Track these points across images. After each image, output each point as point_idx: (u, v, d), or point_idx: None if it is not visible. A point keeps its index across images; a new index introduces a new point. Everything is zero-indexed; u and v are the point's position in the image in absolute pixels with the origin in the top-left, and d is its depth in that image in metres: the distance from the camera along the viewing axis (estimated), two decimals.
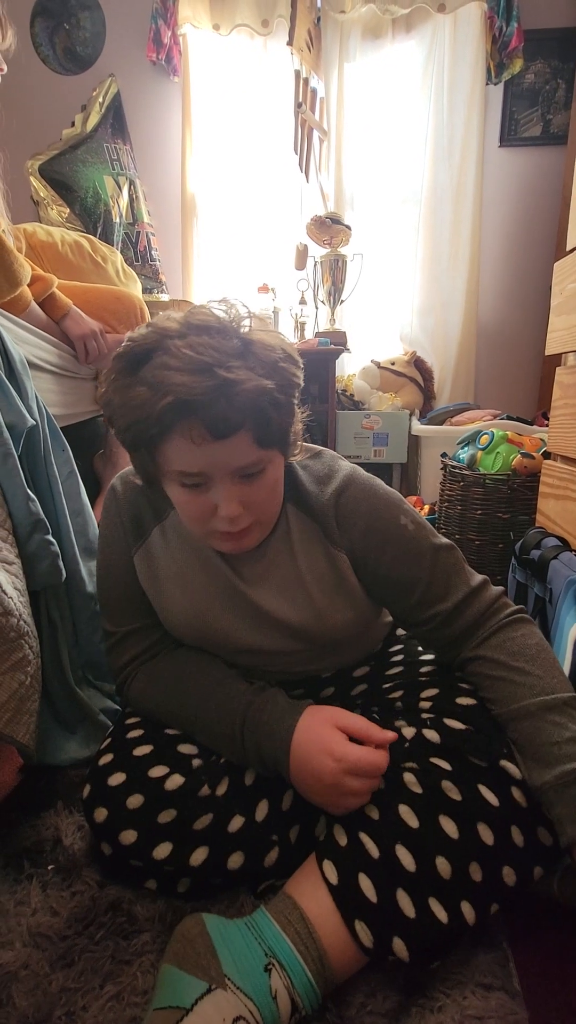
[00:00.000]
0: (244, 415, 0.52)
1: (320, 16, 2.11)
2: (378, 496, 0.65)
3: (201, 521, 0.58)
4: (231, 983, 0.48)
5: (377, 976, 0.54)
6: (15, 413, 0.73)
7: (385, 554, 0.64)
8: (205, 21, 2.14)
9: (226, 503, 0.55)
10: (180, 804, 0.58)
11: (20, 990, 0.52)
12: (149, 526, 0.69)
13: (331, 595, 0.65)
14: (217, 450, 0.53)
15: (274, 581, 0.66)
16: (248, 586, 0.66)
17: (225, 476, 0.55)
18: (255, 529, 0.60)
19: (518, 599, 1.18)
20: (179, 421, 0.52)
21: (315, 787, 0.56)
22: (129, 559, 0.69)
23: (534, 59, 2.12)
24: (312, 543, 0.66)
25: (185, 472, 0.55)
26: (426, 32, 2.12)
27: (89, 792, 0.62)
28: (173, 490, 0.59)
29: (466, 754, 0.56)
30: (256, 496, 0.57)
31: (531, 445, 1.52)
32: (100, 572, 0.72)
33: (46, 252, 1.21)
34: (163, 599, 0.68)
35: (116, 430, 0.57)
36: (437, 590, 0.64)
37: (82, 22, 2.25)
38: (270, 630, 0.67)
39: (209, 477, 0.55)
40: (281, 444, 0.59)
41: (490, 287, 2.31)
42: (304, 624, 0.66)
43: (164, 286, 2.32)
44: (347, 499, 0.64)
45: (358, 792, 0.55)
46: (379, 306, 2.35)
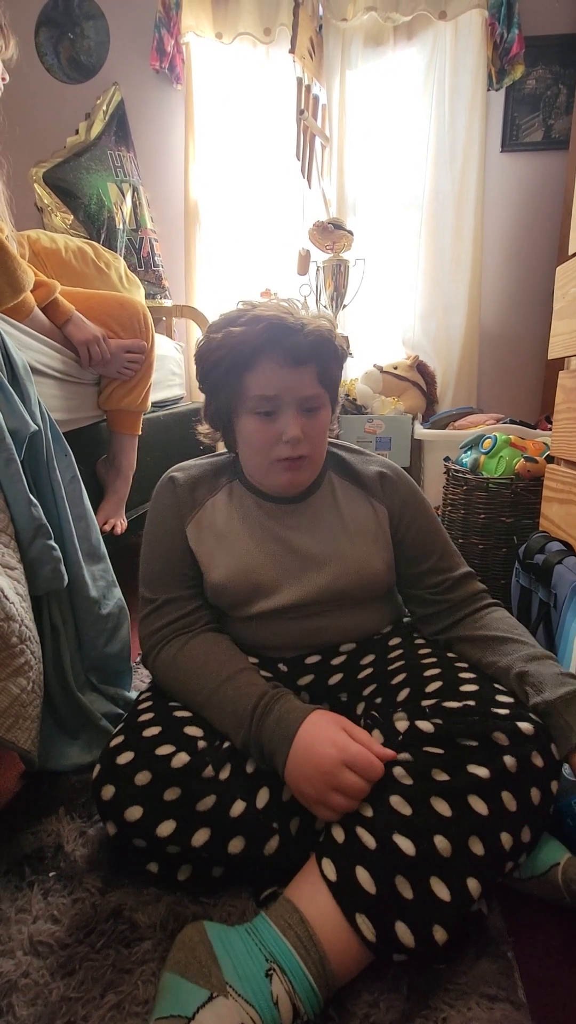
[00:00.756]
0: (313, 351, 0.69)
1: (322, 24, 2.12)
2: (413, 482, 0.84)
3: (266, 449, 0.72)
4: (232, 990, 0.47)
5: (380, 985, 0.53)
6: (18, 418, 0.73)
7: (415, 522, 0.80)
8: (208, 30, 2.15)
9: (292, 426, 0.69)
10: (185, 782, 0.59)
11: (21, 999, 0.52)
12: (203, 500, 0.79)
13: (370, 543, 0.77)
14: (292, 375, 0.69)
15: (318, 529, 0.77)
16: (293, 534, 0.77)
17: (293, 403, 0.70)
18: (308, 466, 0.73)
19: (522, 604, 1.17)
20: (265, 349, 0.68)
21: (311, 775, 0.56)
22: (181, 531, 0.77)
23: (535, 65, 2.13)
24: (356, 498, 0.80)
25: (264, 396, 0.69)
26: (427, 39, 2.13)
27: (99, 771, 0.63)
28: (246, 422, 0.72)
29: (456, 737, 0.57)
30: (313, 429, 0.72)
31: (534, 449, 1.51)
32: (147, 547, 0.79)
33: (50, 258, 1.22)
34: (214, 559, 0.76)
35: (206, 369, 0.73)
36: (446, 562, 0.81)
37: (86, 31, 2.27)
38: (307, 578, 0.74)
39: (280, 404, 0.70)
40: (332, 392, 0.75)
41: (492, 291, 2.32)
42: (342, 568, 0.74)
43: (167, 292, 2.33)
44: (390, 474, 0.81)
45: (350, 789, 0.55)
46: (381, 311, 2.35)
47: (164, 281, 2.32)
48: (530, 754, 0.57)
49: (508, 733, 0.57)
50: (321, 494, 0.80)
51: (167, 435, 1.46)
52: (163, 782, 0.59)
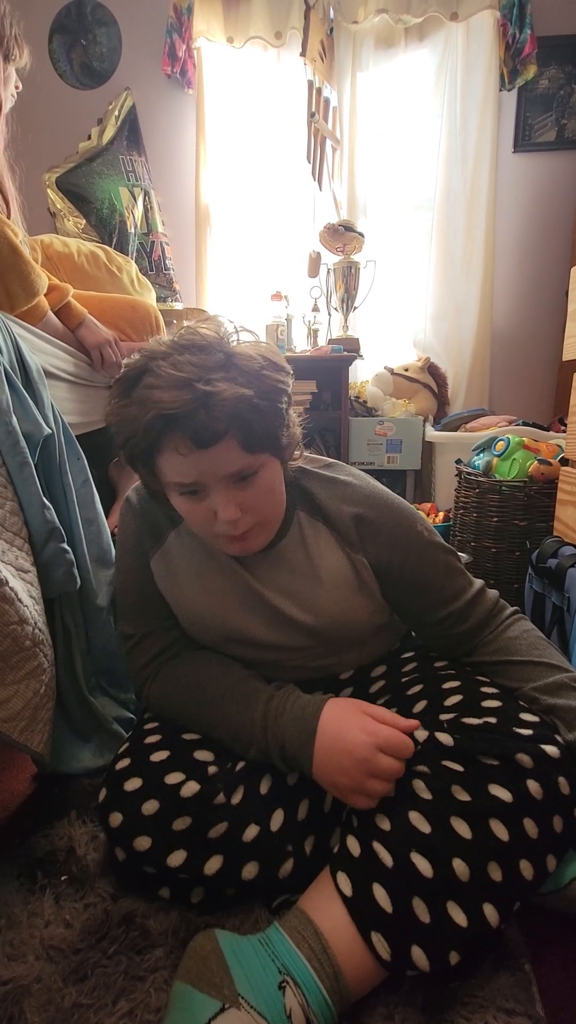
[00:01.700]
0: (227, 423, 0.55)
1: (333, 27, 2.12)
2: (397, 509, 0.69)
3: (205, 527, 0.62)
4: (245, 1002, 0.47)
5: (395, 999, 0.53)
6: (32, 422, 0.73)
7: (407, 561, 0.68)
8: (219, 34, 2.16)
9: (223, 508, 0.58)
10: (195, 811, 0.58)
11: (33, 1005, 0.52)
12: (166, 531, 0.72)
13: (350, 595, 0.68)
14: (205, 459, 0.56)
15: (290, 583, 0.68)
16: (264, 587, 0.68)
17: (219, 483, 0.58)
18: (259, 532, 0.63)
19: (536, 609, 1.16)
20: (165, 434, 0.56)
21: (345, 764, 0.55)
22: (146, 563, 0.72)
23: (548, 65, 2.11)
24: (329, 547, 0.68)
25: (180, 483, 0.59)
26: (439, 40, 2.12)
27: (105, 796, 0.61)
28: (175, 500, 0.63)
29: (477, 755, 0.55)
30: (253, 499, 0.60)
31: (548, 451, 1.50)
32: (118, 577, 0.75)
33: (63, 263, 1.23)
34: (181, 599, 0.71)
35: (119, 448, 0.62)
36: (450, 591, 0.69)
37: (98, 38, 2.29)
38: (287, 629, 0.69)
39: (204, 485, 0.59)
40: (272, 448, 0.61)
41: (504, 292, 2.30)
42: (321, 624, 0.68)
43: (178, 295, 2.34)
44: (369, 514, 0.67)
45: (387, 772, 0.54)
46: (392, 312, 2.34)
47: (175, 284, 2.33)
48: (556, 781, 0.54)
49: (532, 756, 0.55)
50: (289, 540, 0.69)
51: None
52: (172, 812, 0.58)
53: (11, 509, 0.69)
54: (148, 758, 0.62)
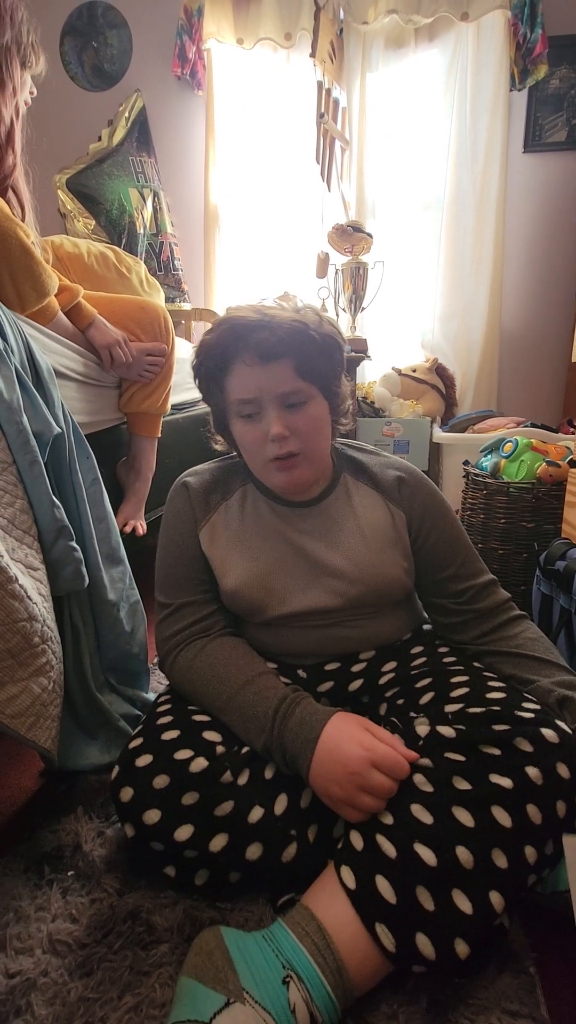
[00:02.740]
0: (286, 345, 0.66)
1: (343, 27, 2.13)
2: (433, 485, 0.81)
3: (257, 451, 0.71)
4: (249, 997, 0.47)
5: (400, 998, 0.53)
6: (42, 421, 0.74)
7: (436, 527, 0.77)
8: (229, 36, 2.17)
9: (274, 423, 0.68)
10: (203, 787, 0.59)
11: (40, 999, 0.52)
12: (216, 504, 0.78)
13: (387, 548, 0.75)
14: (264, 373, 0.67)
15: (333, 534, 0.75)
16: (307, 539, 0.75)
17: (272, 401, 0.68)
18: (303, 463, 0.71)
19: (543, 611, 1.15)
20: (234, 348, 0.67)
21: (338, 775, 0.56)
22: (194, 536, 0.77)
23: (559, 64, 2.10)
24: (372, 502, 0.77)
25: (242, 399, 0.69)
26: (449, 40, 2.12)
27: (117, 773, 0.63)
28: (236, 427, 0.72)
29: (478, 744, 0.56)
30: (299, 424, 0.69)
31: (556, 453, 1.49)
32: (162, 551, 0.79)
33: (72, 263, 1.24)
34: (227, 564, 0.75)
35: (196, 379, 0.74)
36: (470, 568, 0.78)
37: (109, 40, 2.31)
38: (323, 585, 0.73)
39: (261, 404, 0.68)
40: (322, 385, 0.71)
41: (513, 293, 2.29)
42: (358, 574, 0.73)
43: (186, 295, 2.35)
44: (409, 478, 0.78)
45: (378, 789, 0.54)
46: (400, 313, 2.34)
47: (183, 284, 2.34)
48: (555, 765, 0.56)
49: (531, 739, 0.56)
50: (335, 497, 0.78)
51: (185, 438, 1.46)
52: (181, 786, 0.59)
53: (21, 507, 0.70)
54: (160, 736, 0.64)
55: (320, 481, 0.78)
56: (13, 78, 0.92)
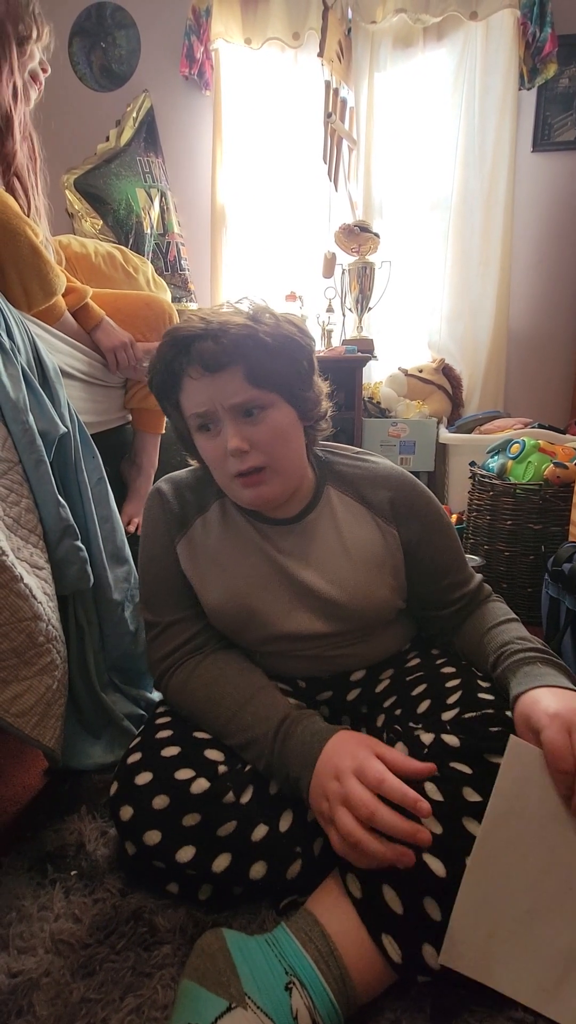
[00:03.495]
0: (230, 353, 0.61)
1: (351, 27, 2.12)
2: (426, 492, 0.74)
3: (220, 466, 0.66)
4: (251, 1002, 0.47)
5: (403, 1004, 0.52)
6: (48, 420, 0.74)
7: (433, 541, 0.73)
8: (237, 36, 2.17)
9: (230, 437, 0.62)
10: (205, 809, 0.58)
11: (42, 999, 0.52)
12: (192, 518, 0.74)
13: (375, 570, 0.70)
14: (213, 385, 0.62)
15: (316, 555, 0.70)
16: (289, 560, 0.70)
17: (227, 413, 0.63)
18: (271, 477, 0.65)
19: (551, 614, 1.14)
20: (179, 362, 0.63)
21: (328, 788, 0.52)
22: (172, 550, 0.73)
23: (568, 63, 2.09)
24: (360, 519, 0.72)
25: (196, 413, 0.64)
26: (457, 39, 2.11)
27: (116, 790, 0.62)
28: (198, 442, 0.68)
29: (484, 754, 0.55)
30: (260, 436, 0.63)
31: (564, 454, 1.48)
32: (143, 566, 0.75)
33: (80, 263, 1.24)
34: (206, 583, 0.71)
35: (156, 399, 0.69)
36: (462, 574, 0.75)
37: (118, 40, 2.31)
38: (308, 608, 0.69)
39: (215, 416, 0.63)
40: (283, 391, 0.65)
41: (521, 293, 2.27)
42: (344, 598, 0.68)
43: (193, 295, 2.35)
44: (403, 494, 0.72)
45: (354, 800, 0.50)
46: (407, 313, 2.33)
47: (190, 284, 2.34)
48: None
49: None
50: (318, 513, 0.72)
51: None
52: (182, 807, 0.58)
53: (26, 507, 0.70)
54: (159, 753, 0.63)
55: (300, 495, 0.72)
56: (9, 57, 0.89)
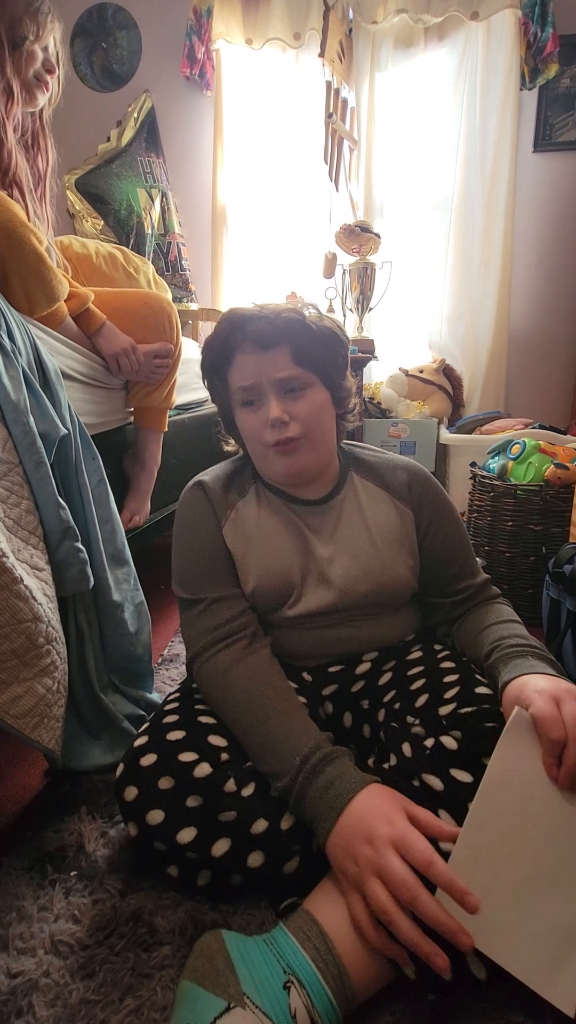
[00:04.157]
0: (280, 332, 0.70)
1: (352, 27, 2.12)
2: (439, 485, 0.82)
3: (257, 438, 0.73)
4: (250, 1002, 0.47)
5: (402, 1006, 0.52)
6: (48, 422, 0.74)
7: (443, 527, 0.79)
8: (238, 36, 2.17)
9: (272, 408, 0.70)
10: (206, 793, 0.59)
11: (41, 1000, 0.52)
12: (233, 502, 0.79)
13: (395, 547, 0.76)
14: (263, 360, 0.70)
15: (342, 533, 0.76)
16: (316, 537, 0.76)
17: (271, 387, 0.71)
18: (305, 448, 0.72)
19: (551, 616, 1.14)
20: (235, 338, 0.71)
21: (356, 850, 0.51)
22: (217, 534, 0.77)
23: (570, 63, 2.09)
24: (381, 501, 0.79)
25: (243, 386, 0.72)
26: (458, 40, 2.11)
27: (122, 771, 0.62)
28: (240, 417, 0.75)
29: (482, 757, 0.56)
30: (298, 409, 0.71)
31: (565, 455, 1.48)
32: (184, 551, 0.78)
33: (81, 264, 1.24)
34: (250, 558, 0.75)
35: (204, 377, 0.78)
36: (470, 567, 0.81)
37: (119, 41, 2.32)
38: (330, 583, 0.74)
39: (261, 391, 0.71)
40: (321, 373, 0.73)
41: (522, 294, 2.27)
42: (364, 573, 0.74)
43: (194, 295, 2.35)
44: (418, 479, 0.80)
45: (391, 875, 0.48)
46: (408, 314, 2.33)
47: (191, 285, 2.34)
48: None
49: None
50: (344, 496, 0.79)
51: (191, 437, 1.47)
52: (185, 789, 0.59)
53: (27, 508, 0.70)
54: (165, 736, 0.64)
55: (327, 479, 0.79)
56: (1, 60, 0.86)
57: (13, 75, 0.90)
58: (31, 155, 0.99)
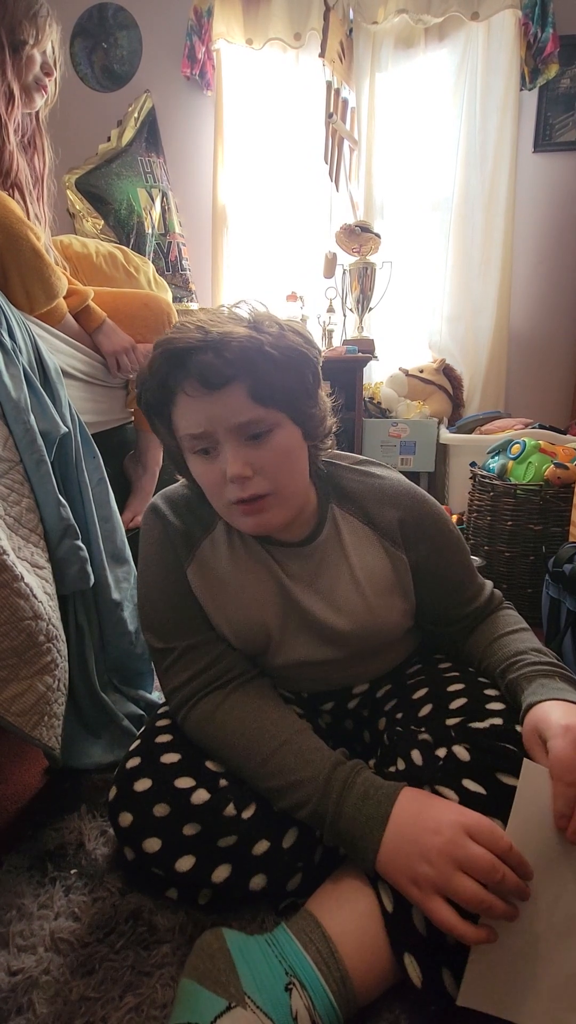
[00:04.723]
0: (235, 367, 0.54)
1: (352, 27, 2.12)
2: (435, 508, 0.69)
3: (218, 492, 0.59)
4: (251, 1002, 0.47)
5: (402, 1006, 0.52)
6: (49, 420, 0.74)
7: (443, 559, 0.69)
8: (239, 36, 2.17)
9: (231, 462, 0.56)
10: (204, 820, 0.57)
11: (41, 997, 0.52)
12: (199, 539, 0.68)
13: (384, 595, 0.66)
14: (213, 404, 0.55)
15: (324, 582, 0.66)
16: (296, 585, 0.66)
17: (228, 435, 0.56)
18: (274, 504, 0.59)
19: (551, 614, 1.15)
20: (174, 376, 0.56)
21: (426, 849, 0.48)
22: (181, 574, 0.67)
23: (570, 64, 2.09)
24: (367, 543, 0.67)
25: (192, 435, 0.57)
26: (459, 40, 2.11)
27: (115, 795, 0.61)
28: (192, 464, 0.61)
29: (496, 772, 0.54)
30: (265, 461, 0.57)
31: (564, 455, 1.48)
32: (147, 591, 0.69)
33: (81, 263, 1.24)
34: (220, 609, 0.67)
35: (145, 415, 0.62)
36: (474, 588, 0.72)
37: (119, 41, 2.31)
38: (315, 636, 0.67)
39: (214, 439, 0.57)
40: (289, 409, 0.59)
41: (522, 293, 2.27)
42: (352, 628, 0.65)
43: (194, 295, 2.35)
44: (413, 516, 0.67)
45: (478, 864, 0.46)
46: (408, 313, 2.33)
47: (191, 284, 2.34)
48: None
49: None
50: (325, 536, 0.67)
51: None
52: (181, 817, 0.57)
53: (28, 506, 0.70)
54: (159, 759, 0.62)
55: (304, 517, 0.67)
56: (1, 63, 0.87)
57: (13, 79, 0.90)
58: (28, 155, 1.00)
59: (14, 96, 0.91)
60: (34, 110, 0.99)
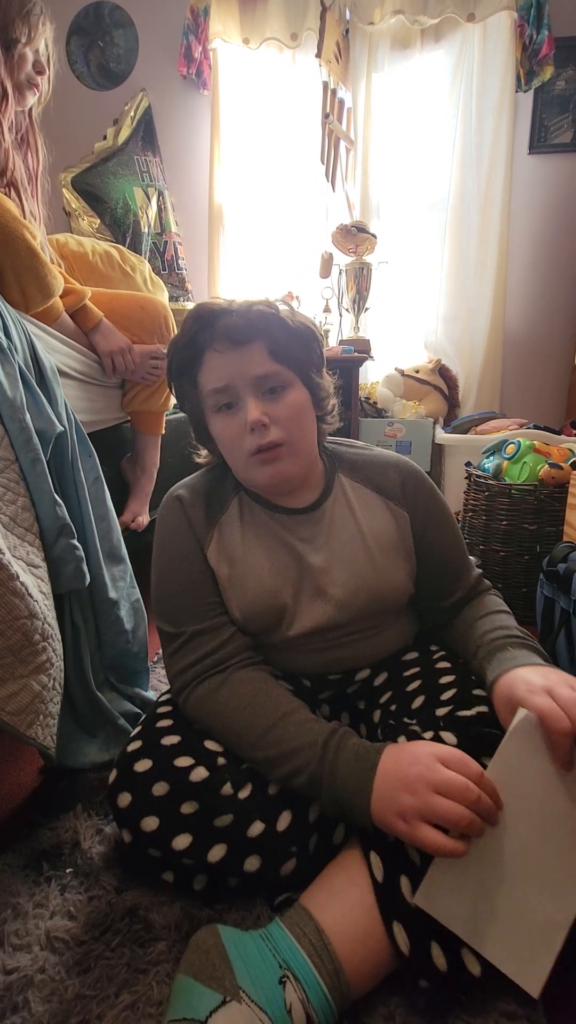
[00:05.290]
0: (253, 327, 0.63)
1: (349, 28, 2.13)
2: (432, 483, 0.77)
3: (237, 445, 0.66)
4: (246, 996, 0.47)
5: (397, 999, 0.53)
6: (45, 419, 0.74)
7: (440, 527, 0.75)
8: (235, 36, 2.17)
9: (251, 410, 0.64)
10: (202, 797, 0.58)
11: (37, 995, 0.52)
12: (216, 518, 0.73)
13: (391, 554, 0.72)
14: (236, 358, 0.64)
15: (335, 543, 0.71)
16: (307, 548, 0.71)
17: (248, 387, 0.64)
18: (287, 456, 0.66)
19: (546, 613, 1.15)
20: (204, 336, 0.64)
21: (407, 781, 0.50)
22: (201, 554, 0.71)
23: (565, 66, 2.10)
24: (373, 504, 0.74)
25: (216, 388, 0.65)
26: (455, 41, 2.11)
27: (115, 778, 0.62)
28: (215, 424, 0.69)
29: (480, 756, 0.55)
30: (279, 412, 0.65)
31: (559, 455, 1.49)
32: (163, 576, 0.71)
33: (77, 262, 1.24)
34: (237, 580, 0.70)
35: (171, 383, 0.70)
36: (464, 566, 0.77)
37: (116, 39, 2.31)
38: (326, 597, 0.69)
39: (236, 393, 0.65)
40: (300, 371, 0.68)
41: (517, 294, 2.28)
42: (360, 585, 0.69)
43: (190, 294, 2.35)
44: (411, 478, 0.75)
45: (451, 785, 0.49)
46: (404, 314, 2.34)
47: (187, 284, 2.34)
48: None
49: None
50: (333, 501, 0.73)
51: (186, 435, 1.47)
52: (180, 795, 0.58)
53: (23, 505, 0.70)
54: (159, 741, 0.63)
55: (313, 485, 0.73)
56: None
57: (6, 77, 0.90)
58: (23, 153, 1.00)
59: (7, 94, 0.91)
60: (26, 108, 0.99)
